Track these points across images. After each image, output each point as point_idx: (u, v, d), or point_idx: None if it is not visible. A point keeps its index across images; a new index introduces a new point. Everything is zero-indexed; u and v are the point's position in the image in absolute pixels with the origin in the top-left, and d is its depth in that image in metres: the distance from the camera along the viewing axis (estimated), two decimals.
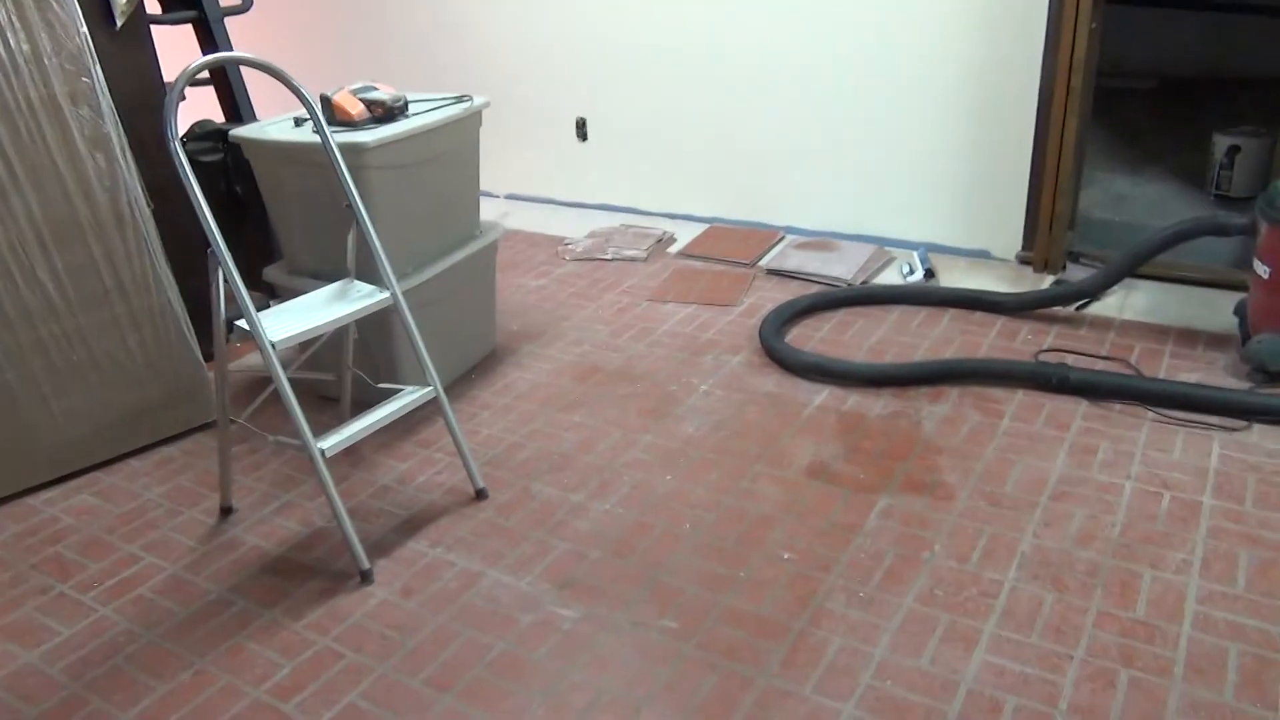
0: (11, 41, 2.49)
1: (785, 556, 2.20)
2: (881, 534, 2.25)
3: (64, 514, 2.54)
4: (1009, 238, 3.69)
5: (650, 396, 2.96)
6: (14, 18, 2.50)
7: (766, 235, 4.16)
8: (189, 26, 3.60)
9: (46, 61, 2.56)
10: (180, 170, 2.08)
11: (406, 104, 2.86)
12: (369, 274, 2.45)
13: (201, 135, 3.52)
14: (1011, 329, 3.20)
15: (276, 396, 2.16)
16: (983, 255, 3.76)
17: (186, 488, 2.63)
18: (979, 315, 3.31)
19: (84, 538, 2.44)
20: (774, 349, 3.10)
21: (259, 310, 2.17)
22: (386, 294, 2.37)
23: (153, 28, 3.23)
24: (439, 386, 2.43)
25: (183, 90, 2.09)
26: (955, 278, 3.61)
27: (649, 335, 3.36)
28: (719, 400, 2.90)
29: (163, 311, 2.82)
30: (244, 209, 3.50)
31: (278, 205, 2.87)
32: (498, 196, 5.05)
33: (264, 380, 3.19)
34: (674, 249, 4.17)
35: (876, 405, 2.80)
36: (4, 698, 1.94)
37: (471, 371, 3.19)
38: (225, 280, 2.16)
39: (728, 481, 2.50)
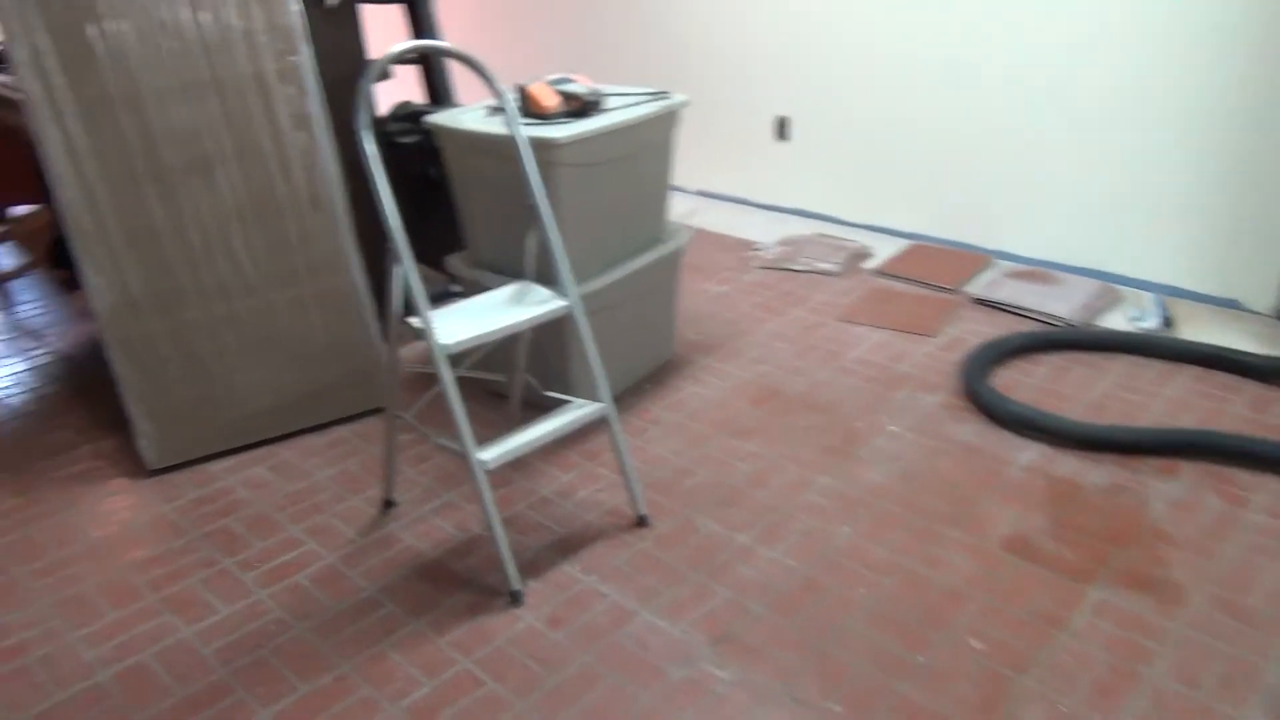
0: (227, 17, 2.52)
1: (974, 645, 1.93)
2: (1092, 634, 1.94)
3: (239, 485, 2.58)
4: (1265, 288, 3.20)
5: (832, 431, 2.72)
6: None
7: (975, 259, 3.80)
8: (391, 6, 3.61)
9: (259, 39, 2.58)
10: (365, 162, 2.03)
11: (602, 99, 2.73)
12: (548, 275, 2.34)
13: (402, 116, 3.54)
14: (1264, 398, 2.75)
15: None
16: (1232, 305, 3.28)
17: (354, 473, 2.62)
18: (1224, 377, 2.88)
19: (254, 513, 2.46)
20: (977, 392, 2.79)
21: (439, 295, 2.09)
22: (564, 302, 2.25)
23: (362, 6, 3.25)
24: (610, 404, 2.30)
25: (376, 79, 2.02)
26: (1197, 329, 3.16)
27: (836, 360, 3.12)
28: (909, 445, 2.63)
29: (348, 293, 2.82)
30: (437, 192, 3.50)
31: (465, 195, 2.81)
32: (688, 192, 4.90)
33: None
34: (871, 265, 3.88)
35: (1094, 474, 2.46)
36: (158, 672, 1.95)
37: (645, 381, 3.05)
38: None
39: (912, 543, 2.24)
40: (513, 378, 2.59)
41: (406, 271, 2.06)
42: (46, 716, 1.85)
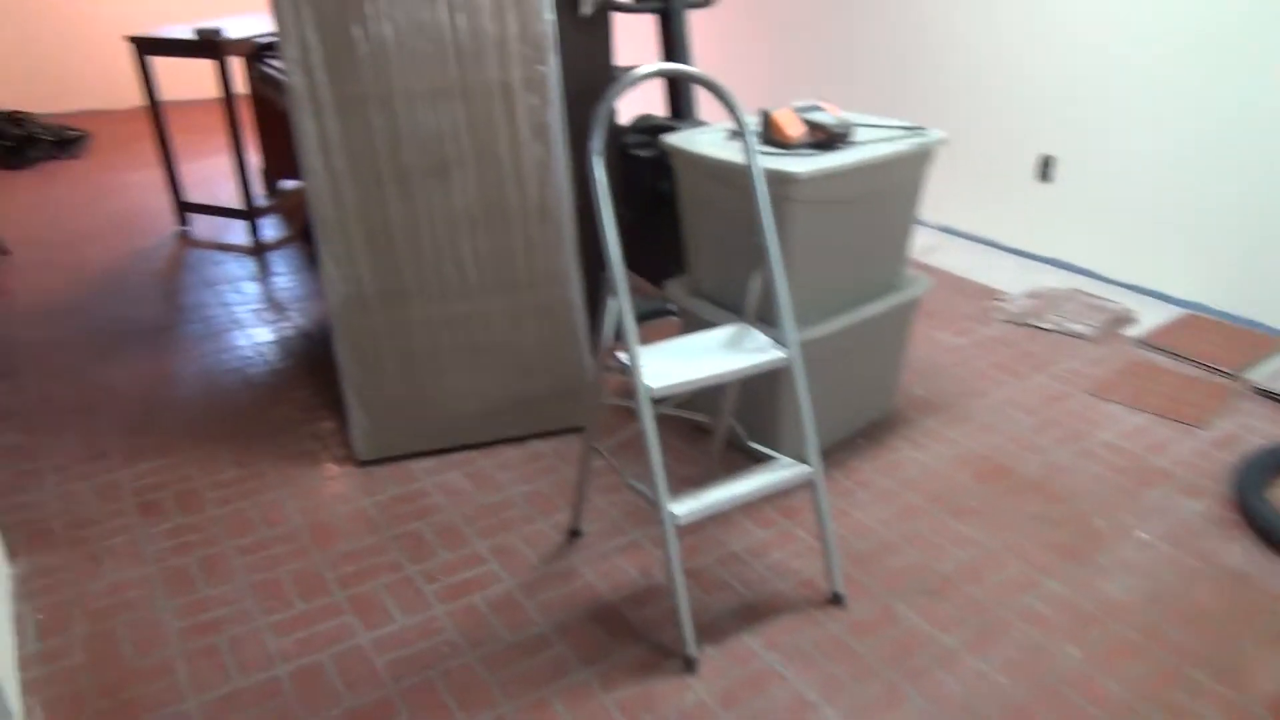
0: (483, 23, 2.52)
1: None
2: None
3: (436, 489, 2.60)
4: None
5: (1067, 527, 2.40)
6: (492, 1, 2.52)
7: (1264, 340, 3.29)
8: (644, 15, 3.55)
9: (510, 46, 2.57)
10: (592, 188, 1.94)
11: (850, 130, 2.53)
12: (770, 316, 2.18)
13: (641, 129, 3.48)
14: None
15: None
16: None
17: (546, 494, 2.57)
18: None
19: (445, 521, 2.46)
20: (1252, 506, 2.38)
21: (656, 311, 1.98)
22: (782, 353, 2.08)
23: (616, 16, 3.21)
24: (818, 468, 2.11)
25: (614, 102, 1.93)
26: None
27: (1080, 441, 2.77)
28: (1161, 559, 2.27)
29: (564, 308, 2.78)
30: (667, 208, 3.41)
31: (692, 220, 2.69)
32: (930, 226, 4.57)
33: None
34: (1133, 333, 3.45)
35: None
36: (331, 676, 1.96)
37: (859, 436, 2.83)
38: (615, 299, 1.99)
39: (1154, 683, 1.91)
40: (718, 421, 2.45)
41: (621, 306, 1.96)
42: (225, 702, 1.90)
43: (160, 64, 4.41)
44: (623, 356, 1.99)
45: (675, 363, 2.05)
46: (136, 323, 3.66)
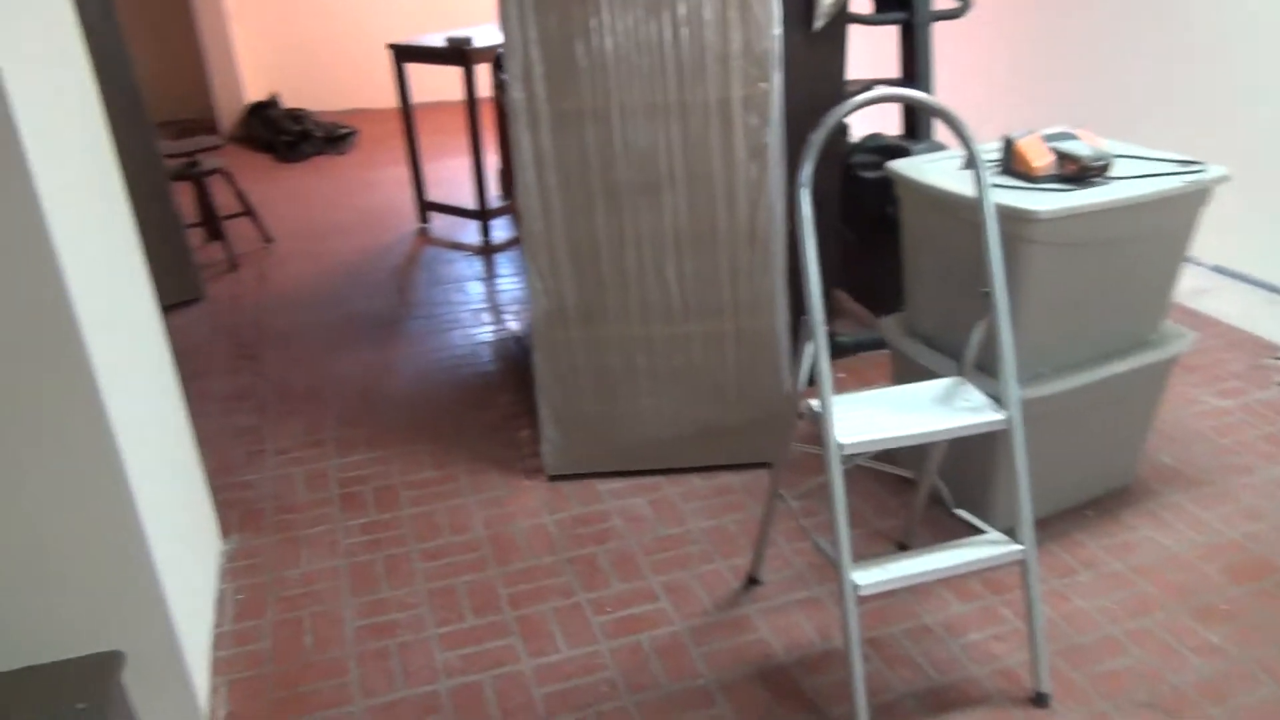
0: (706, 39, 2.43)
1: None
2: None
3: (618, 513, 2.54)
4: None
5: None
6: (717, 17, 2.43)
7: None
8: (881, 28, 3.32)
9: (732, 63, 2.47)
10: (798, 222, 1.79)
11: (1108, 163, 2.22)
12: (991, 366, 1.95)
13: (871, 148, 3.27)
14: None
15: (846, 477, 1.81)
16: None
17: (729, 532, 2.45)
18: None
19: (622, 549, 2.40)
20: None
21: (871, 343, 1.81)
22: (1000, 415, 1.85)
23: (851, 28, 3.02)
24: (1032, 548, 1.86)
25: (826, 132, 1.78)
26: None
27: None
28: None
29: (768, 337, 2.65)
30: (893, 234, 3.18)
31: (915, 253, 2.48)
32: (1201, 265, 4.03)
33: None
34: None
35: None
36: (489, 701, 1.95)
37: (1087, 506, 2.50)
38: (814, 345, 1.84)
39: None
40: (922, 478, 2.23)
41: (817, 350, 1.80)
42: (387, 710, 1.92)
43: (416, 69, 4.67)
44: (815, 404, 1.83)
45: (874, 415, 1.87)
46: (369, 315, 3.87)
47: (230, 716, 1.92)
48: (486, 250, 4.61)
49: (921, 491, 2.25)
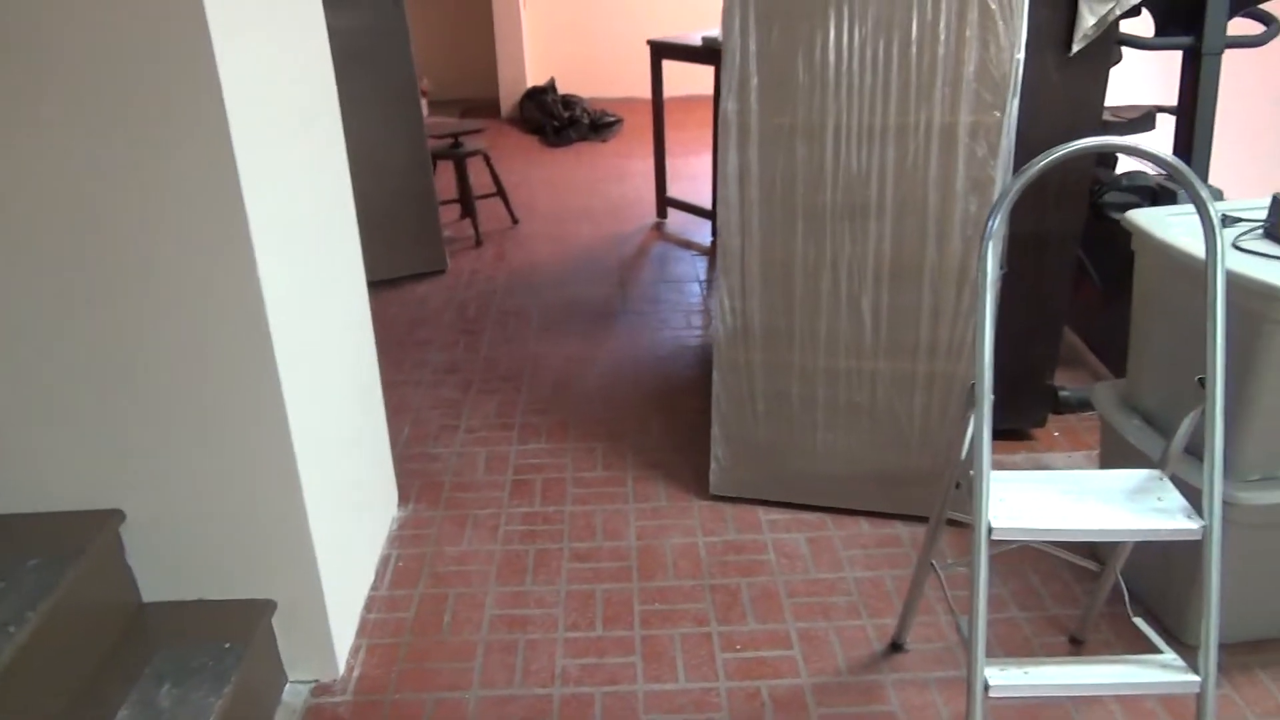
0: (939, 58, 2.26)
1: None
2: None
3: (773, 546, 2.45)
4: None
5: None
6: (953, 35, 2.25)
7: None
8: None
9: (964, 86, 2.28)
10: (979, 281, 1.62)
11: None
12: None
13: (1129, 188, 2.91)
14: None
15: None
16: None
17: (885, 588, 2.29)
18: None
19: (767, 584, 2.31)
20: None
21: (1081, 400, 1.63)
22: (1195, 525, 1.59)
23: (1125, 49, 2.70)
24: (1211, 679, 1.59)
25: (1022, 189, 1.59)
26: None
27: None
28: None
29: (962, 384, 2.44)
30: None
31: (1144, 316, 2.18)
32: None
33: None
34: None
35: None
36: (595, 716, 1.94)
37: None
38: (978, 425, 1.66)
39: None
40: (1103, 576, 1.97)
41: (979, 423, 1.63)
42: (498, 704, 1.97)
43: (679, 64, 4.72)
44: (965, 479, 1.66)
45: (1045, 498, 1.67)
46: (587, 303, 3.98)
47: (361, 679, 2.04)
48: (713, 251, 4.60)
49: (1102, 588, 1.98)
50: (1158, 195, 2.97)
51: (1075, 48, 2.52)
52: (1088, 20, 2.47)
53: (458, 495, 2.68)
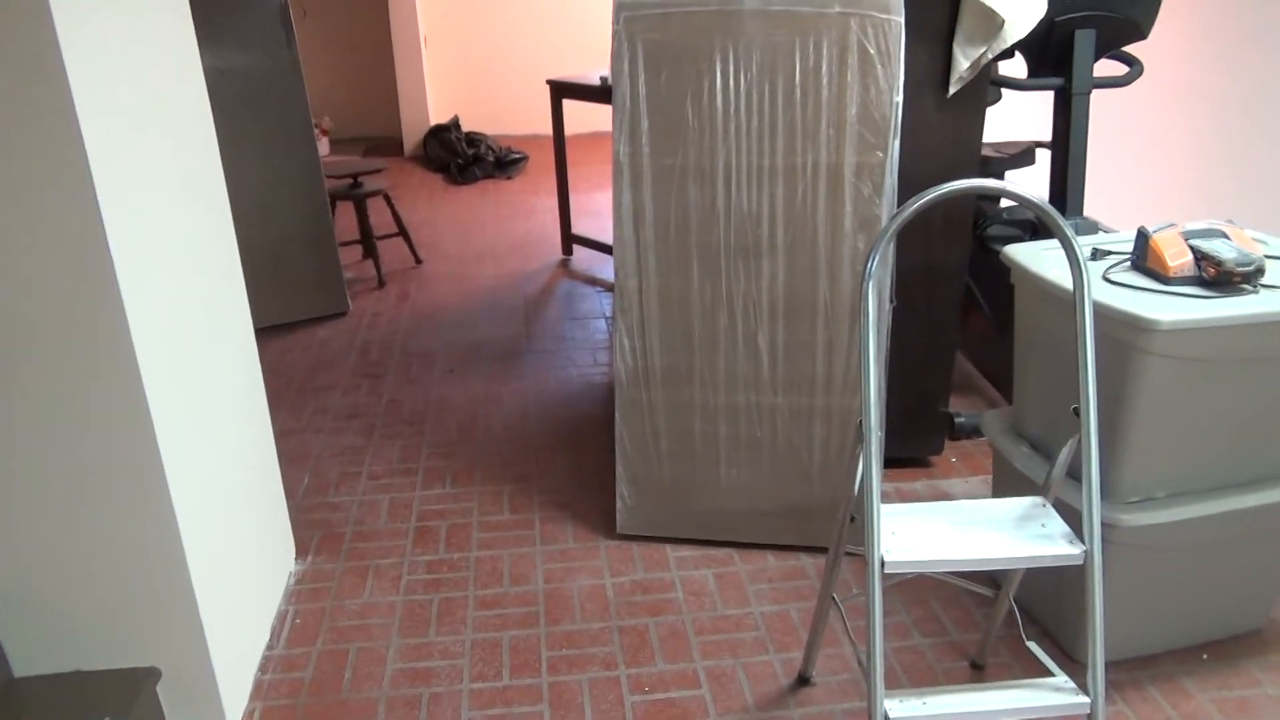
0: (824, 101, 2.32)
1: None
2: None
3: (680, 583, 2.46)
4: None
5: None
6: (835, 80, 2.32)
7: None
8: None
9: (847, 129, 2.35)
10: (861, 316, 1.66)
11: (1259, 270, 1.96)
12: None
13: (1009, 221, 3.04)
14: None
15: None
16: None
17: (792, 622, 2.31)
18: None
19: (676, 624, 2.31)
20: None
21: (975, 427, 1.68)
22: (1077, 550, 1.65)
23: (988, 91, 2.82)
24: (1099, 700, 1.64)
25: (898, 229, 1.64)
26: None
27: None
28: None
29: (858, 415, 2.49)
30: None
31: (1025, 346, 2.27)
32: None
33: None
34: None
35: None
36: None
37: (1203, 649, 2.20)
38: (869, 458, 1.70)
39: None
40: (996, 605, 2.03)
41: (868, 459, 1.66)
42: None
43: (574, 103, 4.77)
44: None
45: (934, 529, 1.71)
46: (491, 344, 3.95)
47: None
48: None
49: (998, 614, 2.04)
50: (1037, 229, 3.11)
51: (952, 90, 2.63)
52: (962, 64, 2.58)
53: (359, 545, 2.62)
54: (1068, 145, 2.98)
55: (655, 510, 2.64)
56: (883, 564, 1.63)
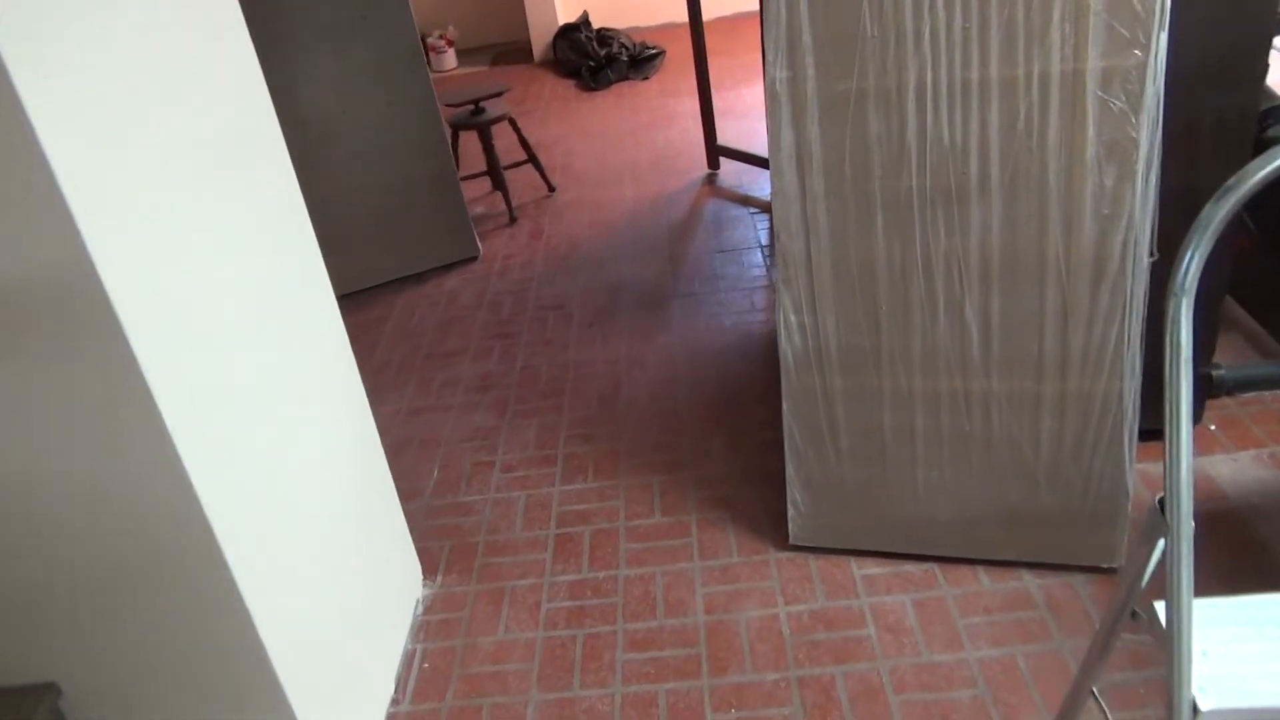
0: None
1: None
2: None
3: (871, 614, 2.01)
4: None
5: None
6: None
7: None
8: None
9: (1091, 19, 1.71)
10: (1167, 341, 1.11)
11: None
12: None
13: None
14: None
15: None
16: None
17: (1018, 671, 1.83)
18: None
19: (867, 675, 1.87)
20: None
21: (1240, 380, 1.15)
22: None
23: None
24: None
25: (1224, 220, 1.07)
26: None
27: None
28: None
29: (1106, 405, 1.93)
30: None
31: None
32: None
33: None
34: None
35: None
36: None
37: None
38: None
39: None
40: None
41: (1176, 560, 1.13)
42: None
43: None
44: (1162, 609, 1.18)
45: (1264, 647, 1.18)
46: (634, 287, 3.51)
47: None
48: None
49: None
50: None
51: None
52: None
53: (493, 561, 2.29)
54: None
55: (835, 518, 2.18)
56: (1194, 709, 1.12)
